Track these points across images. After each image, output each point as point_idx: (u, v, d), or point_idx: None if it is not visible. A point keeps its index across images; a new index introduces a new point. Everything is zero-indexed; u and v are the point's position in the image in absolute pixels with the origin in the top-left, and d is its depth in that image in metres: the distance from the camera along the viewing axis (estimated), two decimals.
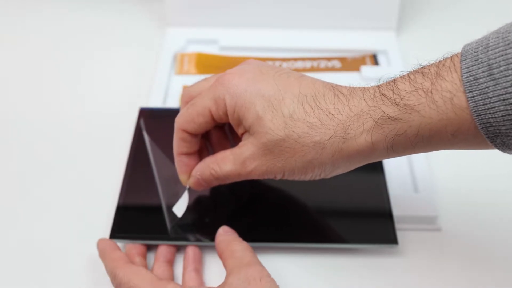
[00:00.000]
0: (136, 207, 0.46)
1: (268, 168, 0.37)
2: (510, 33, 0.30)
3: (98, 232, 0.45)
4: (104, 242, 0.42)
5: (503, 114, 0.29)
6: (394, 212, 0.45)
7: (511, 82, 0.29)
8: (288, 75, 0.37)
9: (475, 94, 0.30)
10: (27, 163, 0.51)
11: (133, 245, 0.43)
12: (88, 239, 0.44)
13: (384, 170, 0.47)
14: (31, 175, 0.50)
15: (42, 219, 0.47)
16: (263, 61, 0.40)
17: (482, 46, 0.31)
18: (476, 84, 0.30)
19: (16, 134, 0.54)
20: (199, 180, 0.41)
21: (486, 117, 0.30)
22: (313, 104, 0.35)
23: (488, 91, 0.30)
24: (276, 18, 0.65)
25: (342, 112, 0.35)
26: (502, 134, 0.30)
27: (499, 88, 0.29)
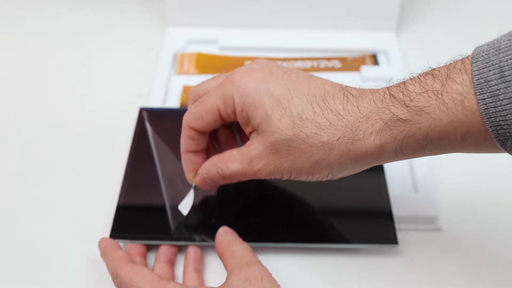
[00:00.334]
0: (136, 207, 0.46)
1: (275, 168, 0.37)
2: None
3: (98, 232, 0.45)
4: (106, 242, 0.42)
5: None
6: (394, 212, 0.45)
7: None
8: (298, 75, 0.37)
9: (486, 97, 0.30)
10: (27, 163, 0.51)
11: (133, 245, 0.43)
12: (88, 239, 0.44)
13: (384, 170, 0.47)
14: (31, 175, 0.50)
15: (42, 219, 0.47)
16: (272, 61, 0.40)
17: (494, 49, 0.31)
18: (487, 87, 0.30)
19: (16, 134, 0.54)
20: (205, 179, 0.41)
21: (497, 120, 0.30)
22: (322, 104, 0.35)
23: (499, 94, 0.29)
24: (276, 18, 0.65)
25: (351, 113, 0.34)
26: None
27: (511, 91, 0.29)
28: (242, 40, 0.64)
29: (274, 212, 0.45)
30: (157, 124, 0.51)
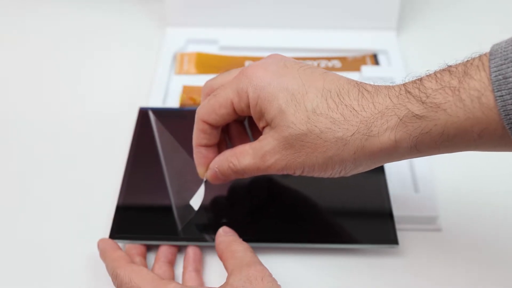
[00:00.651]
0: (136, 207, 0.46)
1: (288, 163, 0.37)
2: None
3: (98, 232, 0.45)
4: (105, 242, 0.42)
5: None
6: (395, 212, 0.45)
7: None
8: (312, 70, 0.37)
9: (504, 93, 0.30)
10: (27, 163, 0.51)
11: (133, 245, 0.43)
12: (88, 239, 0.44)
13: (385, 170, 0.47)
14: (31, 175, 0.50)
15: (42, 219, 0.47)
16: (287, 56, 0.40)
17: None
18: (506, 83, 0.30)
19: (16, 134, 0.54)
20: (217, 173, 0.41)
21: None
22: (337, 100, 0.35)
23: None
24: (276, 18, 0.65)
25: (366, 109, 0.34)
26: None
27: None
28: (242, 40, 0.64)
29: (273, 213, 0.45)
30: (157, 124, 0.51)
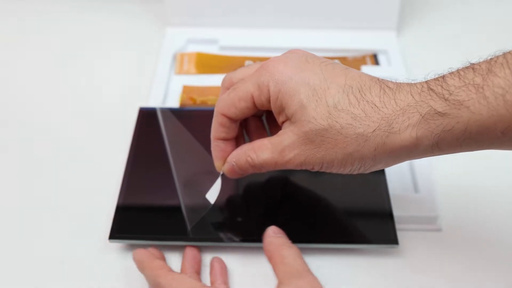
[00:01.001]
0: (136, 207, 0.45)
1: (307, 158, 0.37)
2: None
3: (98, 232, 0.45)
4: (141, 253, 0.41)
5: None
6: (395, 212, 0.45)
7: None
8: (334, 66, 0.37)
9: None
10: (27, 163, 0.51)
11: (154, 249, 0.43)
12: (88, 239, 0.44)
13: (385, 170, 0.47)
14: (31, 175, 0.50)
15: (42, 219, 0.47)
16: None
17: None
18: None
19: (16, 134, 0.54)
20: (234, 167, 0.40)
21: None
22: (359, 96, 0.35)
23: None
24: (276, 18, 0.65)
25: (388, 106, 0.34)
26: None
27: None
28: (242, 40, 0.64)
29: (272, 213, 0.45)
30: (157, 124, 0.51)
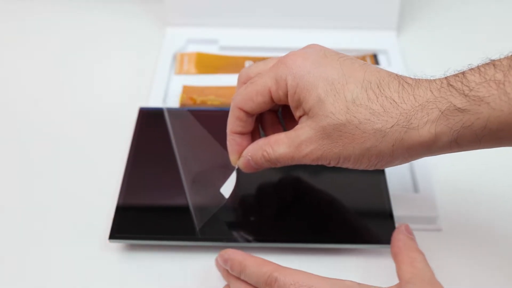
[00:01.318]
0: (136, 207, 0.45)
1: (324, 153, 0.36)
2: None
3: (98, 232, 0.45)
4: (237, 252, 0.39)
5: None
6: (394, 212, 0.44)
7: None
8: (352, 61, 0.37)
9: None
10: (27, 163, 0.51)
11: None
12: (88, 239, 0.44)
13: (385, 170, 0.47)
14: (31, 175, 0.50)
15: (42, 219, 0.47)
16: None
17: None
18: None
19: (16, 134, 0.54)
20: (249, 161, 0.40)
21: None
22: (377, 91, 0.35)
23: None
24: (276, 18, 0.65)
25: (406, 101, 0.34)
26: None
27: None
28: (242, 40, 0.64)
29: (272, 213, 0.45)
30: (157, 124, 0.51)
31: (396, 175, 0.49)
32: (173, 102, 0.57)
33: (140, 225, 0.44)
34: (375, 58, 0.62)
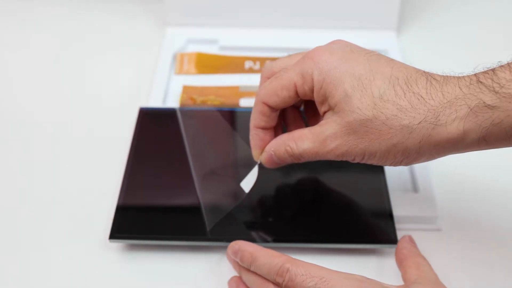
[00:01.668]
0: (136, 207, 0.45)
1: (349, 149, 0.36)
2: None
3: (98, 232, 0.45)
4: (249, 244, 0.39)
5: None
6: (394, 212, 0.45)
7: None
8: (379, 57, 0.37)
9: None
10: (27, 163, 0.51)
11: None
12: (88, 239, 0.44)
13: (385, 170, 0.47)
14: (31, 175, 0.50)
15: (42, 219, 0.47)
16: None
17: None
18: None
19: (16, 134, 0.54)
20: (272, 156, 0.40)
21: None
22: (405, 87, 0.35)
23: None
24: (276, 18, 0.65)
25: (435, 98, 0.34)
26: None
27: None
28: (242, 40, 0.64)
29: (272, 213, 0.45)
30: (157, 124, 0.51)
31: (396, 175, 0.49)
32: (173, 102, 0.57)
33: (140, 225, 0.44)
34: None
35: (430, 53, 0.63)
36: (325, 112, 0.38)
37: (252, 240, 0.41)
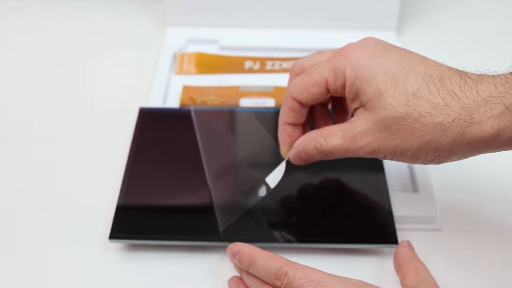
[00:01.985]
0: (136, 207, 0.45)
1: (380, 146, 0.36)
2: None
3: (98, 232, 0.45)
4: (248, 246, 0.39)
5: None
6: (394, 212, 0.45)
7: None
8: (412, 55, 0.37)
9: None
10: (27, 163, 0.51)
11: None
12: (88, 239, 0.44)
13: (385, 170, 0.47)
14: (31, 175, 0.50)
15: (42, 219, 0.47)
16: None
17: None
18: None
19: (16, 134, 0.54)
20: (300, 153, 0.40)
21: None
22: (438, 85, 0.34)
23: None
24: (276, 18, 0.65)
25: (469, 96, 0.33)
26: None
27: None
28: (242, 40, 0.64)
29: (272, 213, 0.45)
30: (157, 124, 0.51)
31: (396, 175, 0.49)
32: (173, 102, 0.57)
33: (140, 225, 0.44)
34: None
35: (430, 53, 0.62)
36: (356, 109, 0.38)
37: (252, 241, 0.41)
